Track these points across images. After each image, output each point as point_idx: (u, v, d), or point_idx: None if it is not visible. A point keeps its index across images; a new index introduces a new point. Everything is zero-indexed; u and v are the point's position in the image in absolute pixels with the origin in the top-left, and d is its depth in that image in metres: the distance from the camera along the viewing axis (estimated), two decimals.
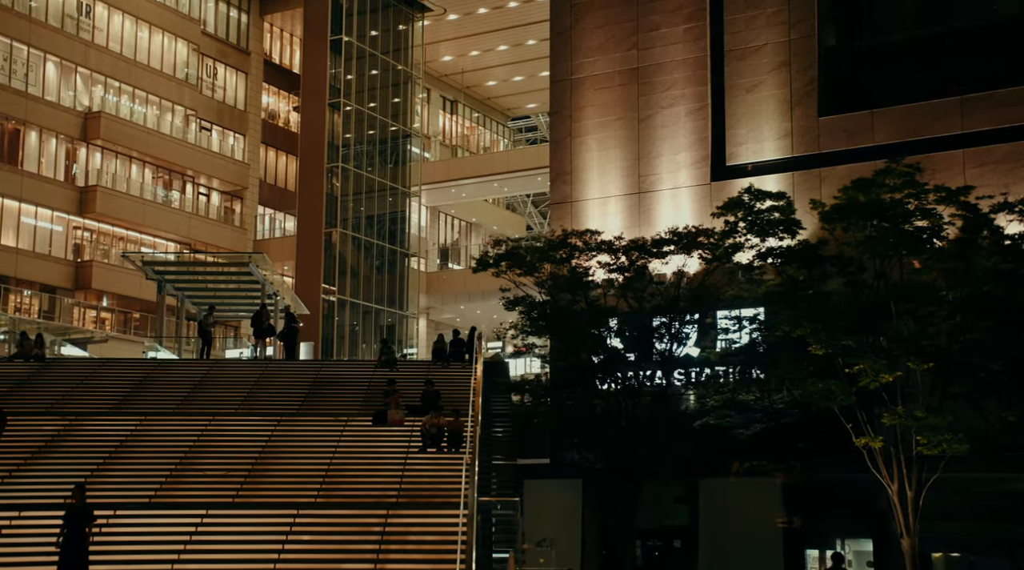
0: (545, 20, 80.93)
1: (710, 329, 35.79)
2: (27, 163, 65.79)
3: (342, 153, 77.48)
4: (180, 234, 73.86)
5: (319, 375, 37.36)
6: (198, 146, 75.70)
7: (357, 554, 22.71)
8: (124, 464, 28.44)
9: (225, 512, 24.83)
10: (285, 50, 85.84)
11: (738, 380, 34.85)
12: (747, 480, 32.90)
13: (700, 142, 44.75)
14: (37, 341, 39.28)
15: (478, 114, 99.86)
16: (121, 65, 71.08)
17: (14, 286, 64.19)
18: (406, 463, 28.44)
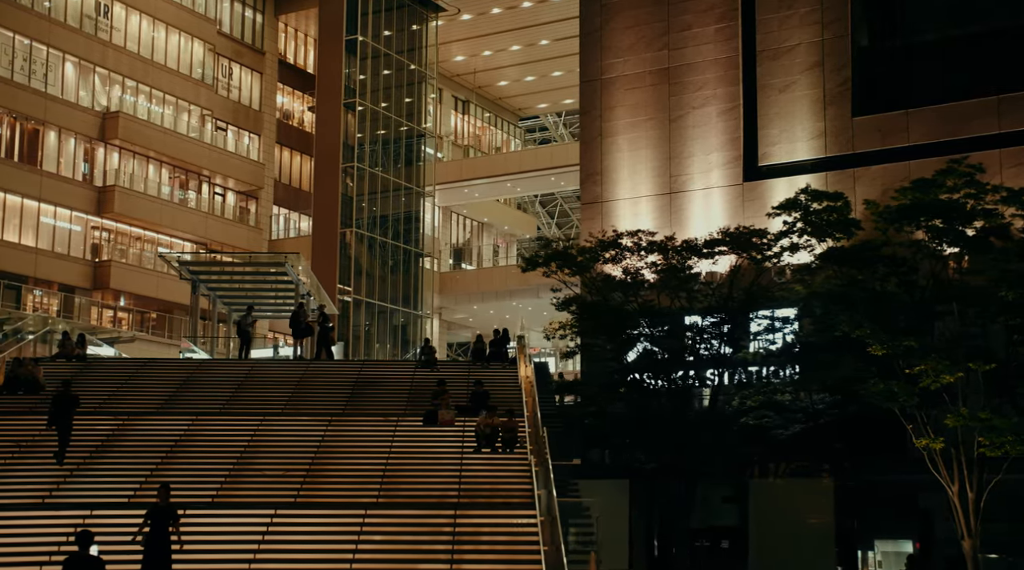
0: (558, 20, 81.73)
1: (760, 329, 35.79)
2: (46, 163, 65.74)
3: (357, 153, 77.49)
4: (197, 234, 73.85)
5: (360, 375, 37.37)
6: (214, 146, 75.72)
7: (430, 554, 22.68)
8: (182, 463, 28.43)
9: (294, 512, 24.81)
10: (299, 50, 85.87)
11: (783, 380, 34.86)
12: (796, 481, 32.93)
13: (732, 142, 44.84)
14: (79, 341, 39.34)
15: (489, 114, 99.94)
16: (138, 65, 71.09)
17: (33, 285, 64.12)
18: (462, 463, 28.45)
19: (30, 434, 30.15)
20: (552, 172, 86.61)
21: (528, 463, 28.36)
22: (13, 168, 63.40)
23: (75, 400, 28.81)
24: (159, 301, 70.40)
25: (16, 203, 63.75)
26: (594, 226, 47.03)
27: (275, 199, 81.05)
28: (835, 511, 34.06)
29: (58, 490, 26.54)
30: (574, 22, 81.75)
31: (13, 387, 34.06)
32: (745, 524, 32.37)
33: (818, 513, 31.43)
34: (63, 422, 27.98)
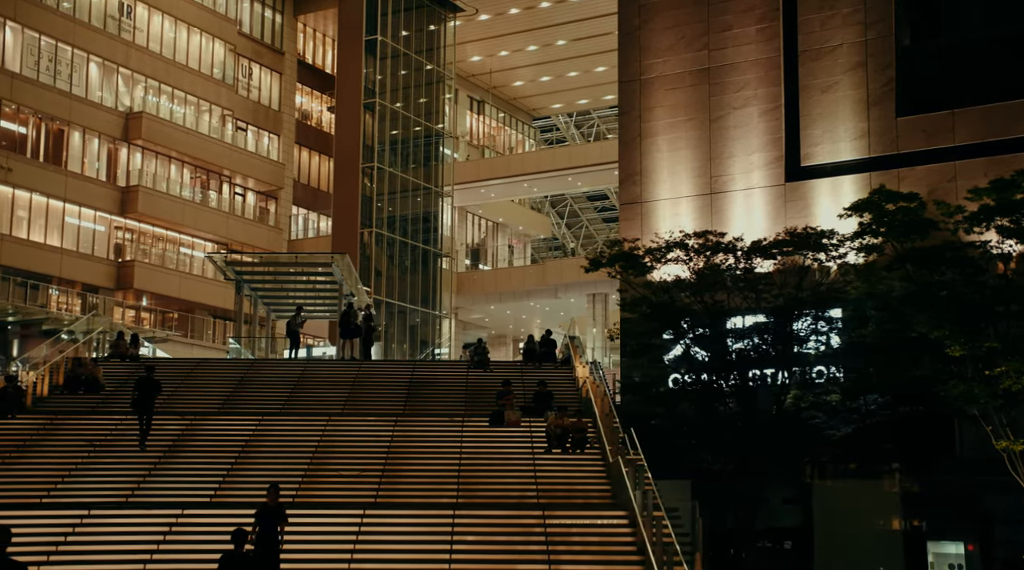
0: (576, 20, 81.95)
1: (828, 328, 35.85)
2: (71, 163, 65.77)
3: (376, 153, 77.55)
4: (218, 234, 73.94)
5: (414, 376, 37.50)
6: (235, 146, 75.81)
7: (526, 555, 22.71)
8: (257, 463, 28.54)
9: (380, 512, 24.86)
10: (318, 50, 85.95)
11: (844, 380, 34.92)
12: (861, 482, 32.96)
13: (773, 143, 44.91)
14: (132, 341, 39.42)
15: (503, 114, 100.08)
16: (160, 65, 71.14)
17: (56, 285, 64.14)
18: (535, 463, 28.55)
19: (101, 433, 30.36)
20: (569, 172, 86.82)
21: (601, 463, 28.49)
22: (39, 168, 63.45)
23: (157, 385, 29.76)
24: (180, 301, 70.55)
25: (42, 203, 63.75)
26: (633, 227, 47.13)
27: (294, 199, 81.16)
28: (901, 512, 34.11)
29: (139, 489, 26.62)
30: (591, 22, 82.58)
31: (73, 386, 34.18)
32: (808, 525, 32.38)
33: (884, 514, 31.46)
34: (147, 406, 29.00)
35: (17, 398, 31.25)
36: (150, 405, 29.13)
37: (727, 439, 33.93)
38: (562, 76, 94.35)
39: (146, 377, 29.66)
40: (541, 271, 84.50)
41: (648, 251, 37.88)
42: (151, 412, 29.27)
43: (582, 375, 35.32)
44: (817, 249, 35.98)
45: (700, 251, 36.65)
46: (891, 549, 30.76)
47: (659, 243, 38.34)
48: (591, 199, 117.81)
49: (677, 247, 37.20)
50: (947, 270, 32.06)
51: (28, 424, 30.91)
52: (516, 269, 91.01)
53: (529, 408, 32.24)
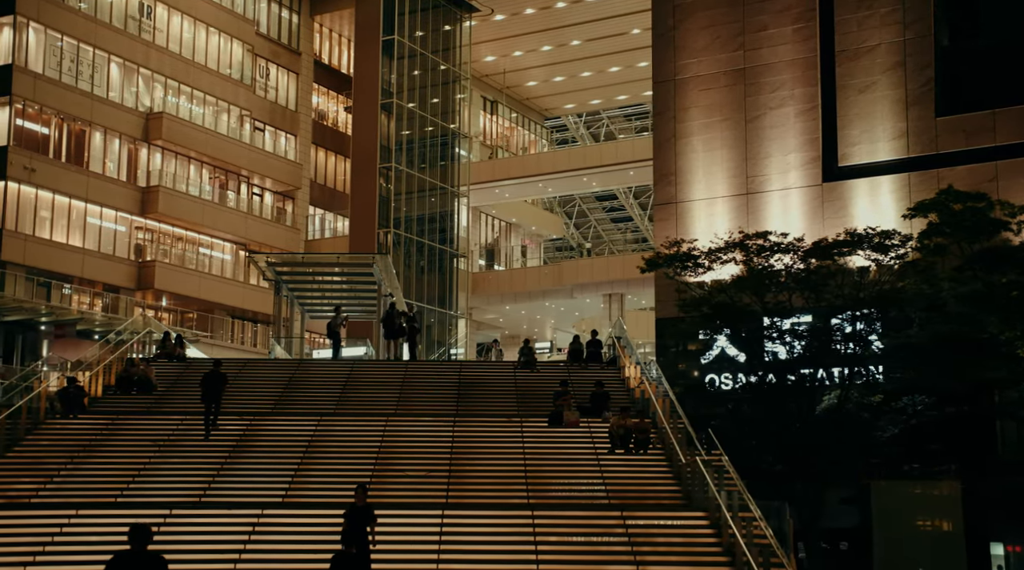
0: (591, 20, 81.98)
1: (890, 328, 35.86)
2: (92, 164, 65.77)
3: (393, 153, 77.62)
4: (237, 234, 73.94)
5: (462, 376, 37.48)
6: (253, 146, 75.83)
7: (611, 556, 22.70)
8: (322, 463, 28.53)
9: (460, 512, 24.83)
10: (334, 50, 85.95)
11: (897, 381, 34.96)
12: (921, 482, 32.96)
13: (810, 143, 45.04)
14: (178, 341, 39.46)
15: (516, 114, 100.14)
16: (180, 65, 71.18)
17: (77, 285, 64.11)
18: (600, 464, 28.57)
19: (164, 433, 30.35)
20: (584, 172, 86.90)
21: (666, 464, 28.51)
22: (61, 169, 63.43)
23: (224, 378, 30.82)
24: (199, 301, 70.51)
25: (64, 203, 63.73)
26: (668, 227, 47.26)
27: (311, 199, 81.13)
28: (964, 513, 34.08)
29: (211, 488, 26.61)
30: (607, 22, 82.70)
31: (126, 387, 34.20)
32: (866, 526, 32.37)
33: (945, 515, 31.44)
34: (214, 398, 30.12)
35: (79, 398, 31.27)
36: (218, 396, 30.24)
37: (786, 440, 33.93)
38: (575, 76, 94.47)
39: (214, 371, 30.78)
40: (557, 271, 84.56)
41: (709, 252, 37.90)
42: (219, 403, 30.42)
43: (633, 375, 35.32)
44: (879, 250, 35.98)
45: (760, 252, 36.64)
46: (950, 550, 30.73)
47: (718, 243, 38.37)
48: (599, 199, 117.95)
49: (737, 247, 37.20)
50: (1010, 270, 32.08)
51: (90, 424, 30.92)
52: (532, 269, 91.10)
53: (586, 408, 32.25)
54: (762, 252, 36.60)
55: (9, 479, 26.86)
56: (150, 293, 68.96)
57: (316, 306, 49.65)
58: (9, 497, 25.63)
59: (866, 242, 35.66)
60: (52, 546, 22.51)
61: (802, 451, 32.93)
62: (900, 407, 35.90)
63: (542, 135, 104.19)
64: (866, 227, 37.01)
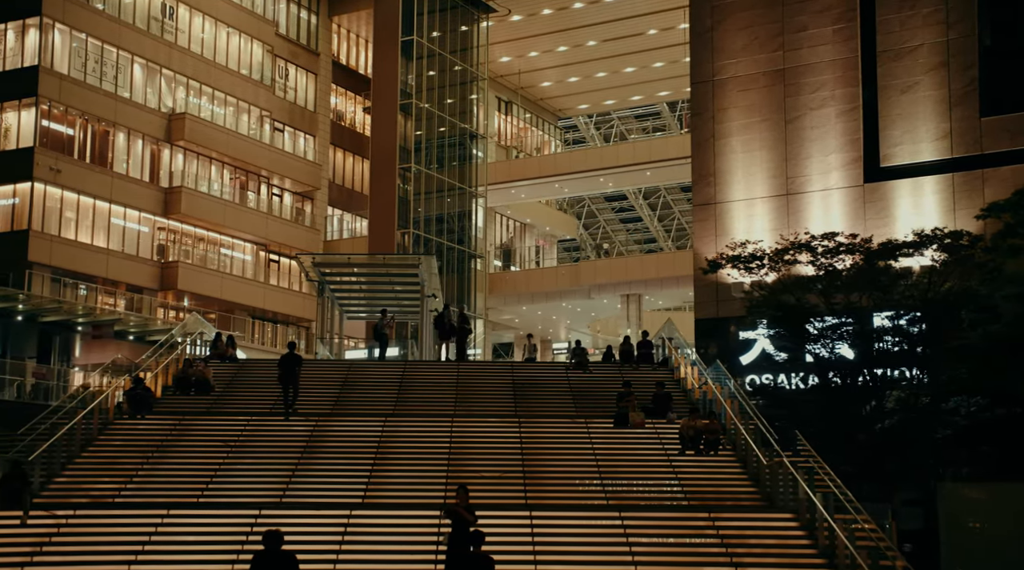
0: (609, 21, 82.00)
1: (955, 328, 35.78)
2: (116, 164, 65.72)
3: (412, 154, 77.64)
4: (257, 235, 73.94)
5: (515, 377, 37.50)
6: (273, 147, 75.82)
7: (706, 558, 22.68)
8: (394, 463, 28.55)
9: (548, 514, 24.78)
10: (351, 51, 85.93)
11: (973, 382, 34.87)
12: (988, 485, 32.81)
13: (851, 143, 45.09)
14: (229, 342, 39.44)
15: (529, 114, 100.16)
16: (201, 66, 71.15)
17: (101, 285, 64.03)
18: (673, 465, 28.59)
19: (232, 433, 30.39)
20: (601, 173, 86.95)
21: (738, 464, 28.55)
22: (85, 169, 63.36)
23: (299, 360, 32.39)
24: (220, 301, 70.44)
25: (88, 204, 63.68)
26: (707, 228, 47.35)
27: (329, 200, 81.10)
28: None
29: (289, 488, 26.66)
30: (623, 23, 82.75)
31: (185, 387, 34.19)
32: (931, 528, 32.23)
33: (1013, 518, 31.23)
34: (291, 379, 31.69)
35: (146, 399, 31.28)
36: (293, 378, 31.73)
37: (852, 441, 33.90)
38: (590, 77, 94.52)
39: (289, 354, 32.26)
40: (575, 272, 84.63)
41: (777, 252, 37.94)
42: (296, 384, 31.96)
43: (691, 376, 35.35)
44: (951, 251, 35.96)
45: (827, 253, 36.65)
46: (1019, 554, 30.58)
47: (784, 244, 38.43)
48: (608, 200, 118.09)
49: (804, 248, 37.24)
50: None
51: (158, 424, 30.92)
52: (548, 269, 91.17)
53: (648, 409, 32.29)
54: (828, 253, 36.59)
55: (89, 479, 26.96)
56: (171, 293, 68.85)
57: (355, 307, 49.64)
58: (93, 497, 25.72)
59: (934, 242, 35.66)
60: (151, 545, 22.53)
61: (870, 452, 32.91)
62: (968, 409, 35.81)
63: (555, 135, 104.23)
64: (934, 228, 37.00)
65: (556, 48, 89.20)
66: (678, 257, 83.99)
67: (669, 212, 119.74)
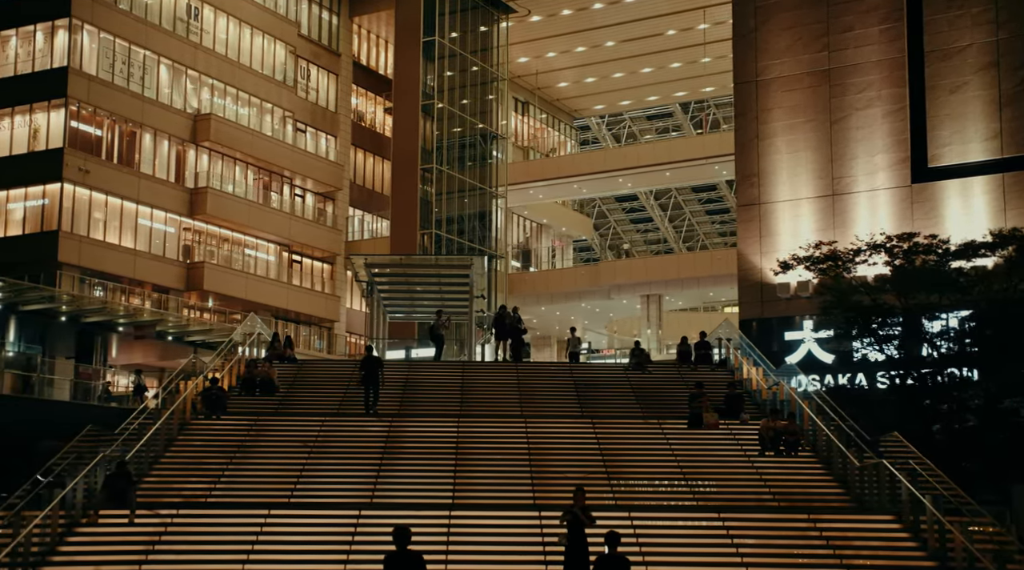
0: (628, 21, 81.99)
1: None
2: (143, 165, 65.60)
3: (434, 155, 77.57)
4: (281, 235, 73.86)
5: (575, 378, 37.46)
6: (296, 147, 75.73)
7: (817, 559, 22.65)
8: (476, 464, 28.55)
9: (647, 515, 24.69)
10: (372, 52, 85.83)
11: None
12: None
13: (898, 144, 45.09)
14: (287, 342, 39.35)
15: (545, 114, 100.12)
16: (226, 67, 71.04)
17: (127, 284, 63.87)
18: (755, 466, 28.56)
19: (309, 433, 30.36)
20: (620, 173, 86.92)
21: (820, 466, 28.52)
22: (113, 170, 63.24)
23: (380, 362, 33.11)
24: (244, 302, 70.24)
25: (116, 205, 63.55)
26: (752, 229, 47.32)
27: (350, 201, 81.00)
28: None
29: (378, 489, 26.64)
30: (642, 23, 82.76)
31: (250, 388, 34.11)
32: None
33: None
34: (373, 380, 32.38)
35: (221, 400, 31.20)
36: (375, 379, 32.35)
37: (928, 440, 33.79)
38: (607, 77, 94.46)
39: (370, 356, 33.07)
40: (594, 272, 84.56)
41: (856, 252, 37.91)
42: (377, 384, 32.47)
43: (755, 376, 35.33)
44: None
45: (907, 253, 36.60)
46: None
47: (860, 245, 38.43)
48: (619, 200, 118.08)
49: (881, 249, 37.20)
50: None
51: (233, 424, 30.89)
52: (568, 270, 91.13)
53: (720, 410, 32.28)
54: (908, 253, 36.55)
55: (178, 478, 26.94)
56: (195, 294, 68.71)
57: (397, 307, 49.56)
58: (185, 496, 25.65)
59: (1013, 242, 35.60)
60: (260, 544, 22.53)
61: (947, 452, 32.82)
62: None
63: (570, 136, 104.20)
64: (1012, 228, 36.95)
65: (574, 48, 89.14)
66: (699, 257, 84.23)
67: (680, 213, 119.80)
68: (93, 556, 21.69)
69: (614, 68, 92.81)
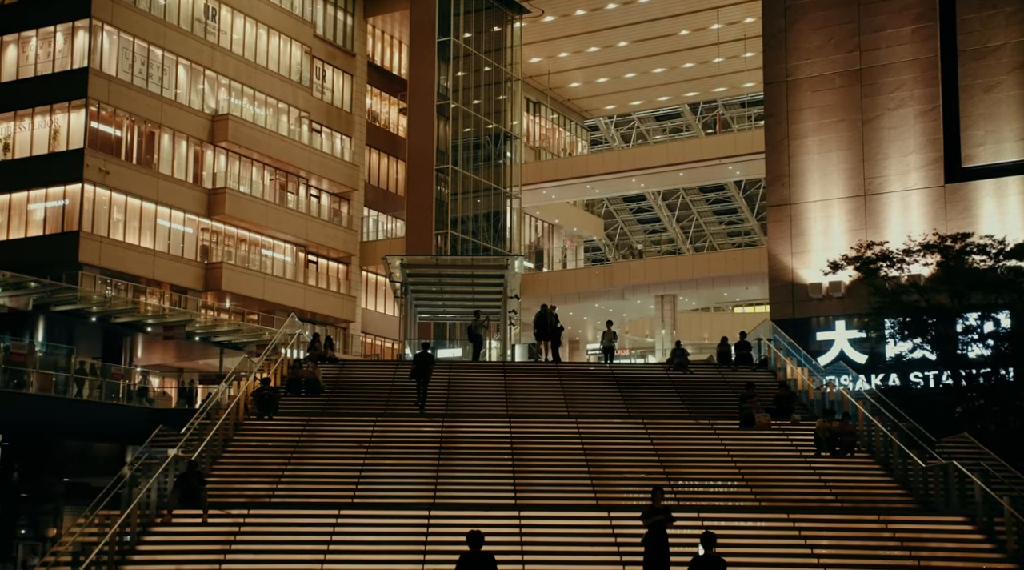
0: (642, 22, 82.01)
1: None
2: (161, 166, 65.53)
3: (449, 155, 77.52)
4: (298, 236, 73.84)
5: (617, 378, 37.45)
6: (312, 148, 75.68)
7: (895, 562, 22.59)
8: (534, 464, 28.55)
9: (714, 515, 24.63)
10: (386, 52, 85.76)
11: None
12: None
13: (931, 144, 44.99)
14: (328, 343, 39.27)
15: (556, 115, 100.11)
16: (243, 67, 70.98)
17: (145, 285, 63.78)
18: (813, 467, 28.52)
19: (362, 433, 30.44)
20: (633, 174, 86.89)
21: (878, 466, 28.49)
22: (133, 171, 63.17)
23: (432, 359, 34.18)
24: (261, 302, 70.20)
25: (136, 205, 63.47)
26: (782, 229, 47.28)
27: (365, 201, 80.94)
28: None
29: (439, 490, 26.58)
30: (656, 24, 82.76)
31: (295, 388, 34.04)
32: None
33: None
34: (424, 375, 33.11)
35: (273, 400, 31.14)
36: (426, 376, 33.13)
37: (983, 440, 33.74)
38: (619, 78, 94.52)
39: (423, 353, 33.69)
40: (608, 272, 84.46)
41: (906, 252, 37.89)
42: (428, 380, 33.20)
43: (802, 377, 35.30)
44: None
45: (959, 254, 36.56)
46: None
47: (910, 245, 38.40)
48: (627, 201, 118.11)
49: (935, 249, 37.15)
50: None
51: (286, 424, 30.84)
52: (582, 270, 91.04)
53: (770, 410, 32.26)
54: (960, 253, 36.50)
55: (239, 478, 26.98)
56: (211, 294, 68.60)
57: (427, 307, 49.54)
58: (248, 496, 25.62)
59: None
60: (335, 545, 22.54)
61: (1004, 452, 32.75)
62: None
63: (581, 136, 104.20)
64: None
65: (587, 49, 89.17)
66: (713, 257, 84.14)
67: (687, 213, 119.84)
68: (172, 555, 21.69)
69: (626, 68, 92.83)
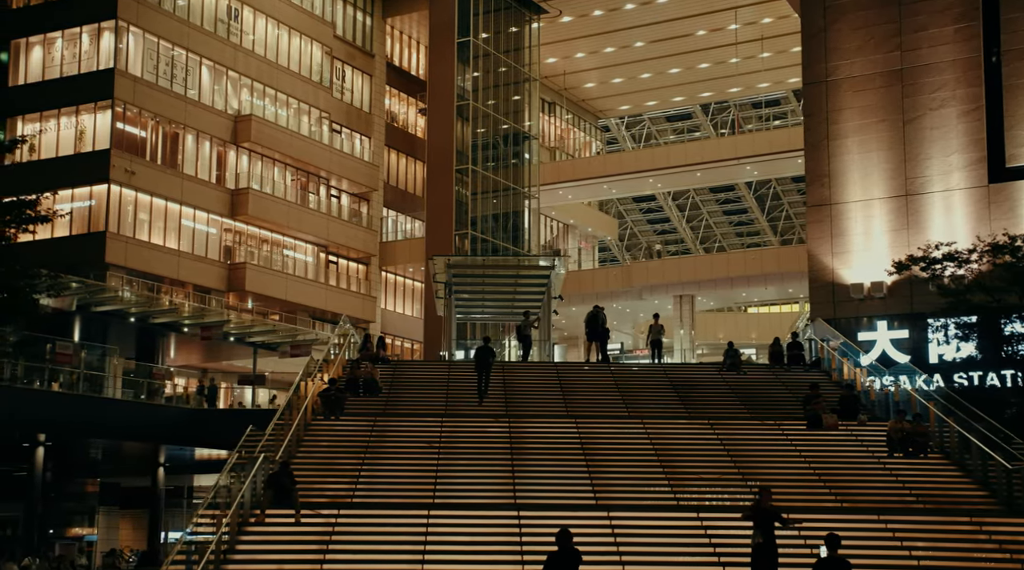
0: (659, 22, 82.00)
1: None
2: (185, 166, 65.39)
3: (468, 156, 77.41)
4: (319, 236, 73.74)
5: (671, 378, 37.44)
6: (333, 148, 75.55)
7: (997, 564, 22.52)
8: (608, 465, 28.48)
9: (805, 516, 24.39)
10: (404, 53, 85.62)
11: None
12: None
13: (974, 144, 44.83)
14: (379, 343, 39.16)
15: (570, 115, 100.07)
16: (265, 68, 70.85)
17: (168, 285, 63.62)
18: (888, 468, 28.42)
19: (430, 434, 30.39)
20: (651, 174, 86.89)
21: (955, 467, 28.41)
22: (157, 171, 63.05)
23: (493, 352, 35.09)
24: (283, 302, 70.07)
25: (161, 206, 63.34)
26: (822, 229, 47.13)
27: (384, 201, 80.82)
28: None
29: (518, 491, 26.49)
30: (673, 24, 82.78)
31: (354, 388, 33.95)
32: None
33: None
34: (485, 368, 34.29)
35: (340, 401, 31.03)
36: (488, 367, 34.38)
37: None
38: (634, 78, 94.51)
39: (484, 346, 34.70)
40: (626, 273, 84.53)
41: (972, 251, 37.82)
42: (488, 373, 34.32)
43: (859, 377, 35.22)
44: None
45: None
46: None
47: (978, 245, 38.33)
48: (636, 201, 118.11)
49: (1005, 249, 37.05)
50: None
51: (353, 425, 30.80)
52: (600, 270, 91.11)
53: (835, 411, 32.18)
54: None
55: (316, 478, 26.87)
56: (234, 295, 68.45)
57: (465, 308, 49.42)
58: (329, 496, 25.52)
59: None
60: (431, 545, 22.53)
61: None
62: None
63: (595, 136, 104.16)
64: None
65: (603, 49, 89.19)
66: (732, 257, 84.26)
67: (697, 213, 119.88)
68: (271, 554, 21.69)
69: (642, 69, 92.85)
